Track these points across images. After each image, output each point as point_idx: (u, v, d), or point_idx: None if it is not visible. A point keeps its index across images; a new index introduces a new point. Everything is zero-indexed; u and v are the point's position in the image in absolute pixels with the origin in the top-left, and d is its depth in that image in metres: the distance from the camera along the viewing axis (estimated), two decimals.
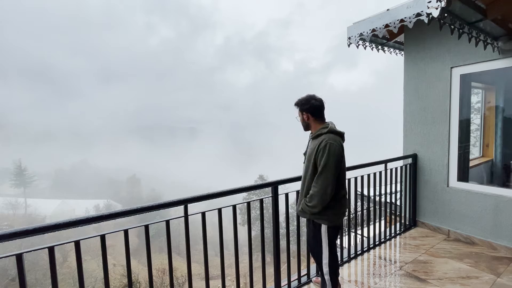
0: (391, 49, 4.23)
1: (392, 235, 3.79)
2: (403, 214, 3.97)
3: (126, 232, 1.85)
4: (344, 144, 2.17)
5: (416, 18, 2.28)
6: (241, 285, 2.44)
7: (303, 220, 2.53)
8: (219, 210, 2.22)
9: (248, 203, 2.56)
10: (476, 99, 4.16)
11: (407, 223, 4.03)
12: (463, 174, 3.73)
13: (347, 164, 3.09)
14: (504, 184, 4.01)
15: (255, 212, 24.70)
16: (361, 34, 2.91)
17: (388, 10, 2.55)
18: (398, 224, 3.99)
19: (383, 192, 3.61)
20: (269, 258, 2.90)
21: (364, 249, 3.41)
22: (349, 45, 3.13)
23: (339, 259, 3.14)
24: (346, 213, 2.43)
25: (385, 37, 3.92)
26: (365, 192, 3.43)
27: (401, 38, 4.12)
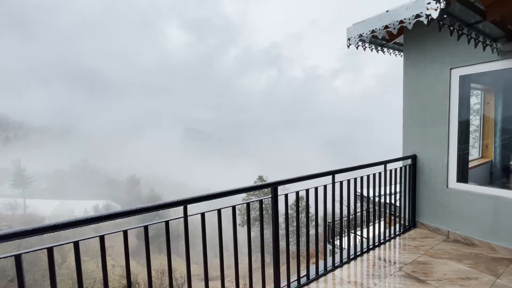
0: (391, 50, 4.24)
1: (392, 236, 3.79)
2: (402, 215, 3.97)
3: (125, 232, 1.85)
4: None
5: (415, 20, 2.29)
6: (240, 286, 2.43)
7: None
8: (219, 211, 2.22)
9: (248, 204, 2.56)
10: (475, 100, 4.17)
11: (407, 224, 4.03)
12: (463, 175, 3.74)
13: (347, 165, 3.13)
14: (504, 185, 4.02)
15: (255, 213, 24.65)
16: (360, 35, 2.92)
17: (387, 11, 2.56)
18: (397, 225, 3.99)
19: (382, 193, 3.61)
20: (269, 259, 2.89)
21: (364, 250, 3.41)
22: (348, 46, 3.14)
23: (338, 260, 3.14)
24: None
25: (384, 38, 3.93)
26: (365, 193, 3.44)
27: (400, 39, 4.13)
